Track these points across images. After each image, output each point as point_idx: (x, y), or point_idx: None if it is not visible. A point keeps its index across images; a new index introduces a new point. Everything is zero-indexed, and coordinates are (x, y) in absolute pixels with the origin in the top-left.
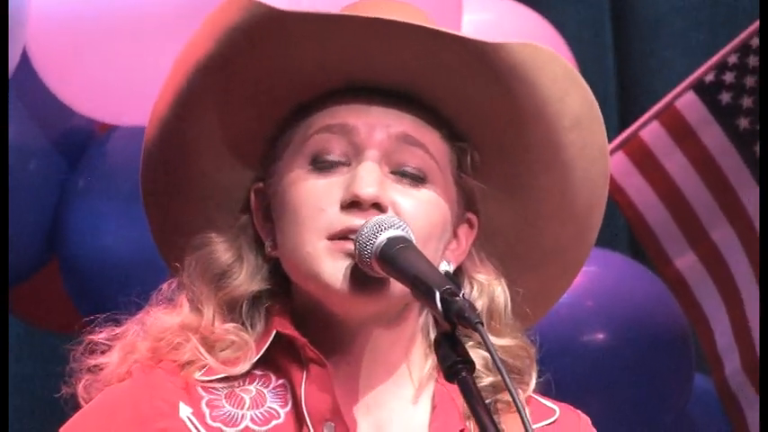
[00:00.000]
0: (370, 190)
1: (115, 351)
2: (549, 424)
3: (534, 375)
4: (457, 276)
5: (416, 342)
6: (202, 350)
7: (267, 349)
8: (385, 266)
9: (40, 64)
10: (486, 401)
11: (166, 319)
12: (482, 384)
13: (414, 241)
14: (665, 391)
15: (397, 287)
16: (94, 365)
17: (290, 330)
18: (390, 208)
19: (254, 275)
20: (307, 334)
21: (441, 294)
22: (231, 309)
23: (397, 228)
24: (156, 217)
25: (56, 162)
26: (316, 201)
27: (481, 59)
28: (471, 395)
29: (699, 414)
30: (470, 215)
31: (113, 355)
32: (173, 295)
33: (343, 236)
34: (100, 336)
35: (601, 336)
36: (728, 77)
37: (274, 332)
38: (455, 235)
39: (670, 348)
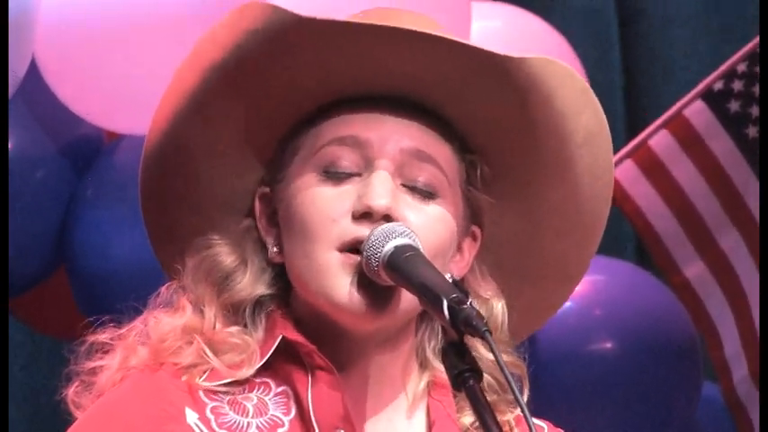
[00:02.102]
0: (383, 201)
1: (116, 354)
2: None
3: (526, 392)
4: None
5: (413, 360)
6: (208, 352)
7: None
8: (392, 274)
9: (49, 72)
10: None
11: (169, 320)
12: None
13: (421, 249)
14: (673, 399)
15: (406, 299)
16: (91, 368)
17: (297, 337)
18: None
19: (257, 279)
20: (309, 342)
21: (448, 302)
22: (234, 311)
23: (405, 236)
24: (155, 220)
25: (64, 171)
26: (327, 210)
27: (502, 72)
28: (479, 403)
29: (707, 422)
30: (474, 228)
31: (113, 359)
32: (172, 299)
33: (352, 247)
34: (103, 336)
35: (609, 344)
36: (737, 86)
37: (280, 336)
38: (459, 248)
39: (678, 356)
